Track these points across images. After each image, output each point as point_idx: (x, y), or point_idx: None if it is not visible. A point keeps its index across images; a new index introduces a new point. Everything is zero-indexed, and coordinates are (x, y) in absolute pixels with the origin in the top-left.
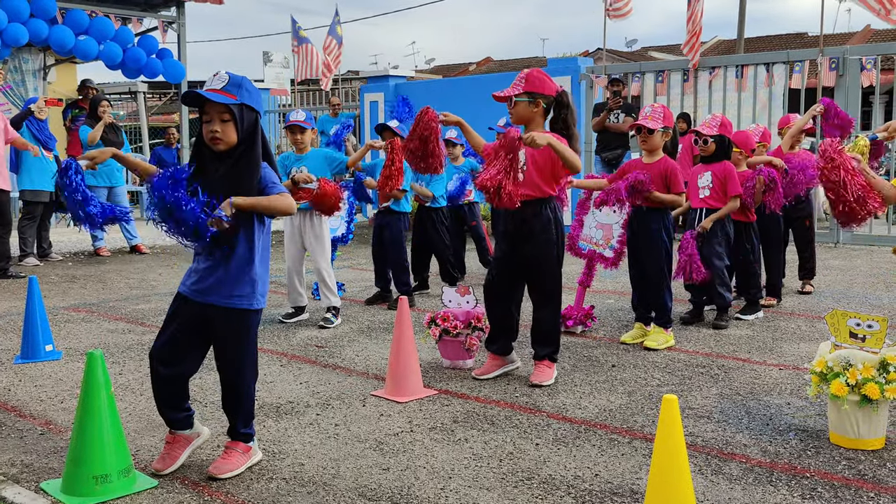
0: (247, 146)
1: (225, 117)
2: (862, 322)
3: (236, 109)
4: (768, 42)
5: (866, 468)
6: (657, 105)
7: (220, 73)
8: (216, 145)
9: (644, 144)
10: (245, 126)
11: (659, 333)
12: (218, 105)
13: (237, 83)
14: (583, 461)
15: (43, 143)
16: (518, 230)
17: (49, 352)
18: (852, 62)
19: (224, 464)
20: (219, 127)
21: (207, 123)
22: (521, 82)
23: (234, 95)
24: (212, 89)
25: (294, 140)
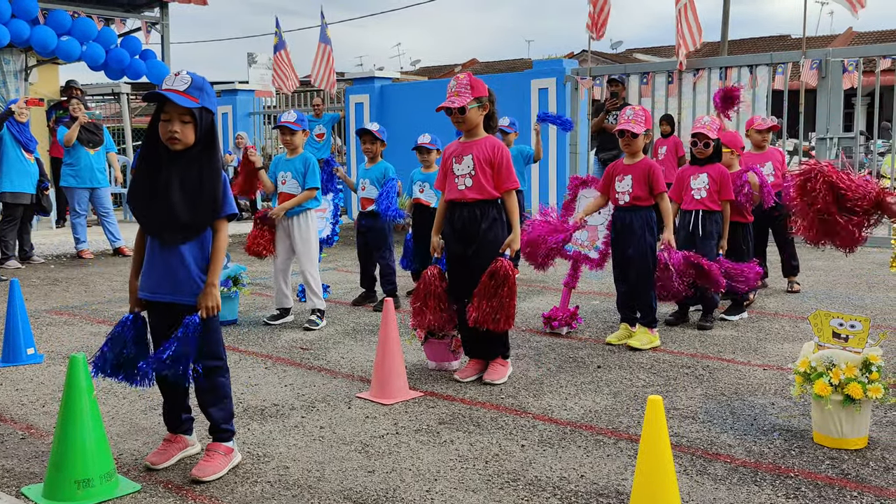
0: (203, 146)
1: (185, 118)
2: (845, 322)
3: (197, 112)
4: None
5: (849, 467)
6: (637, 108)
7: (182, 74)
8: (174, 145)
9: (628, 148)
10: (203, 128)
11: (643, 333)
12: (179, 107)
13: (199, 86)
14: (568, 462)
15: (24, 145)
16: (469, 230)
17: (31, 355)
18: (835, 64)
19: (207, 466)
20: (178, 127)
21: (166, 123)
22: (466, 90)
23: (195, 98)
24: (174, 90)
25: (285, 141)
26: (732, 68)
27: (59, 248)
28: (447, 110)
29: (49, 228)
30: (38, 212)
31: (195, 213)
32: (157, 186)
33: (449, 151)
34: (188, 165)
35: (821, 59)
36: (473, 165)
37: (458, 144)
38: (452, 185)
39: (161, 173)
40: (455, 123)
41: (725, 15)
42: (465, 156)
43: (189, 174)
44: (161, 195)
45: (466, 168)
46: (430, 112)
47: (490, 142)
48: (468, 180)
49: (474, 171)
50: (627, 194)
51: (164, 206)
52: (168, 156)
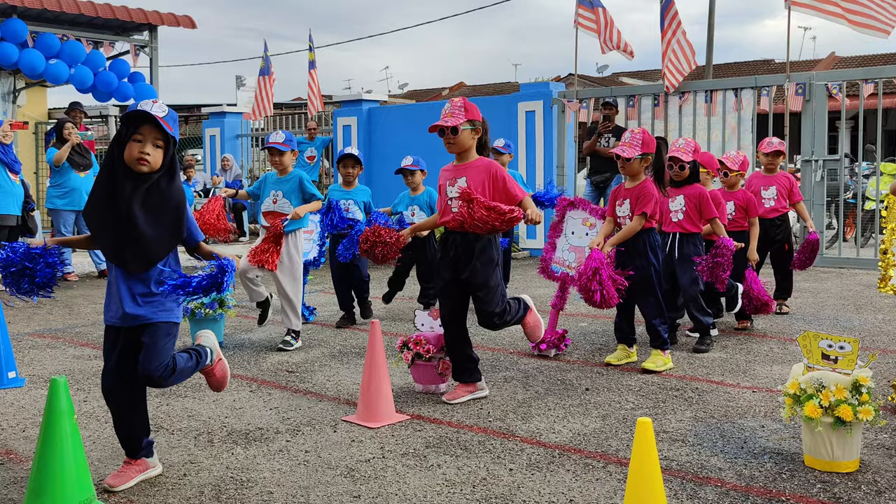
0: (165, 171)
1: (159, 143)
2: (834, 343)
3: (171, 140)
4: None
5: (841, 491)
6: (637, 131)
7: (160, 103)
8: (141, 166)
9: (623, 170)
10: (170, 156)
11: (657, 356)
12: (156, 131)
13: (174, 118)
14: (557, 486)
15: (8, 166)
16: (462, 255)
17: (12, 379)
18: (818, 88)
19: (117, 477)
20: (150, 150)
21: (138, 143)
22: (459, 111)
23: (171, 127)
24: (155, 114)
25: (273, 162)
26: (717, 91)
27: None
28: (440, 131)
29: None
30: (23, 233)
31: (158, 240)
32: (119, 207)
33: (444, 173)
34: (149, 190)
35: (805, 82)
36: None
37: (452, 167)
38: (446, 208)
39: (124, 194)
40: (447, 145)
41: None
42: (458, 178)
43: (152, 198)
44: (124, 216)
45: (459, 191)
46: (417, 134)
47: (483, 163)
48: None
49: None
50: (627, 218)
51: (127, 227)
52: (128, 180)
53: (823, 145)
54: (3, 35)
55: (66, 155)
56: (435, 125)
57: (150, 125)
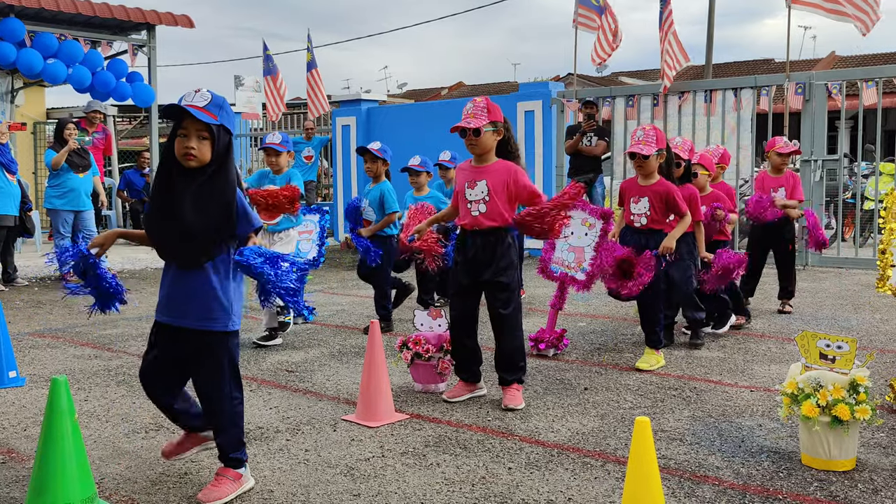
0: (218, 165)
1: (203, 135)
2: (832, 343)
3: (215, 129)
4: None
5: (838, 489)
6: (648, 127)
7: (203, 91)
8: (189, 161)
9: (640, 170)
10: (220, 146)
11: (650, 354)
12: (198, 122)
13: (219, 104)
14: (556, 485)
15: (5, 167)
16: (481, 257)
17: (12, 378)
18: (818, 87)
19: (213, 491)
20: (195, 144)
21: (183, 138)
22: (482, 112)
23: (215, 115)
24: (194, 105)
25: (270, 163)
26: (717, 91)
27: (42, 271)
28: (462, 131)
29: (33, 251)
30: (21, 233)
31: (208, 231)
32: (170, 206)
33: (461, 173)
34: (202, 185)
35: (804, 82)
36: (488, 191)
37: (471, 168)
38: (465, 211)
39: (174, 192)
40: (468, 146)
41: (710, 39)
42: (478, 181)
43: (202, 193)
44: (173, 215)
45: (480, 193)
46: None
47: (503, 165)
48: (482, 206)
49: (488, 198)
50: (645, 217)
51: (176, 225)
52: (181, 174)
53: (823, 145)
54: (1, 34)
55: (64, 159)
56: (457, 126)
57: (191, 118)
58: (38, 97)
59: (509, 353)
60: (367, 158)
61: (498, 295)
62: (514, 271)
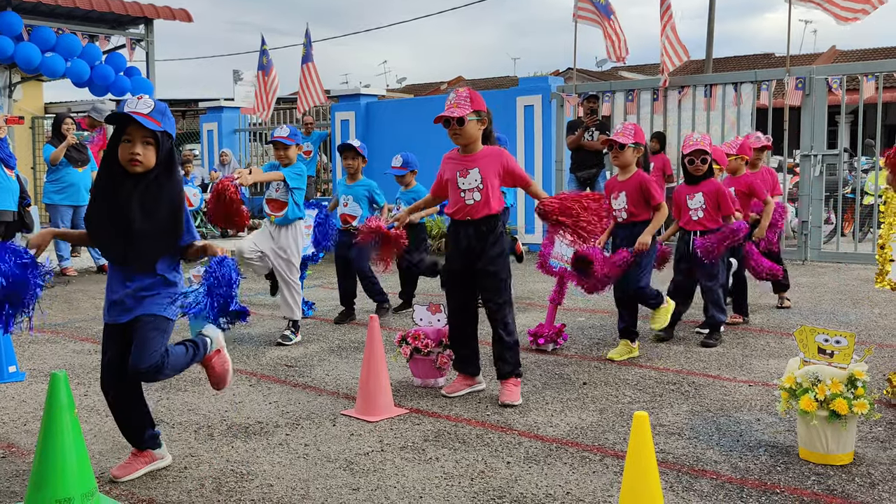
0: (163, 169)
1: (148, 141)
2: (830, 338)
3: (160, 135)
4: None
5: (835, 483)
6: (628, 123)
7: (146, 99)
8: (134, 167)
9: (616, 161)
10: (164, 151)
11: (624, 345)
12: (143, 129)
13: (161, 111)
14: (554, 479)
15: (3, 162)
16: (475, 245)
17: (12, 373)
18: (818, 82)
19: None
20: (140, 150)
21: (128, 144)
22: (465, 102)
23: (158, 122)
24: (138, 112)
25: (278, 156)
26: (717, 85)
27: None
28: (445, 121)
29: None
30: (20, 229)
31: (155, 238)
32: (117, 210)
33: (449, 163)
34: (147, 188)
35: (805, 76)
36: (481, 179)
37: (460, 157)
38: (458, 200)
39: (118, 197)
40: (452, 136)
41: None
42: (470, 169)
43: (149, 197)
44: (121, 219)
45: (474, 182)
46: (416, 129)
47: (493, 151)
48: (476, 195)
49: (482, 185)
50: (624, 211)
51: (122, 230)
52: (126, 178)
53: (823, 140)
54: None
55: (63, 154)
56: (441, 116)
57: (136, 124)
58: (35, 92)
59: (503, 346)
60: (349, 155)
61: (488, 284)
62: (505, 260)
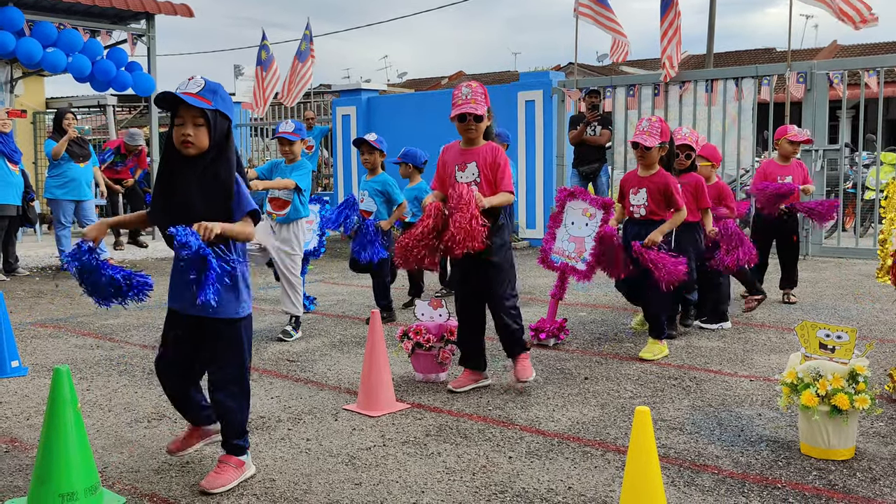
0: (218, 151)
1: (199, 122)
2: (831, 333)
3: (211, 115)
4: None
5: (837, 478)
6: (654, 119)
7: (196, 78)
8: (187, 149)
9: (642, 160)
10: (218, 132)
11: (653, 344)
12: (193, 109)
13: (213, 89)
14: (556, 474)
15: (8, 157)
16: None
17: (15, 368)
18: (820, 77)
19: (216, 478)
20: (192, 131)
21: (180, 126)
22: (481, 98)
23: (209, 101)
24: (187, 93)
25: (284, 152)
26: (718, 80)
27: (43, 261)
28: (460, 116)
29: (34, 241)
30: (23, 224)
31: (216, 219)
32: (175, 195)
33: (449, 156)
34: (203, 172)
35: (806, 71)
36: (478, 173)
37: (460, 150)
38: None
39: (177, 181)
40: (466, 130)
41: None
42: (468, 163)
43: (206, 180)
44: (181, 204)
45: (471, 175)
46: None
47: (491, 147)
48: (474, 188)
49: (479, 178)
50: (643, 208)
51: (184, 214)
52: (183, 162)
53: (824, 135)
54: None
55: (64, 148)
56: (462, 112)
57: (186, 105)
58: (37, 87)
59: (507, 325)
60: (365, 150)
61: (492, 274)
62: (507, 250)
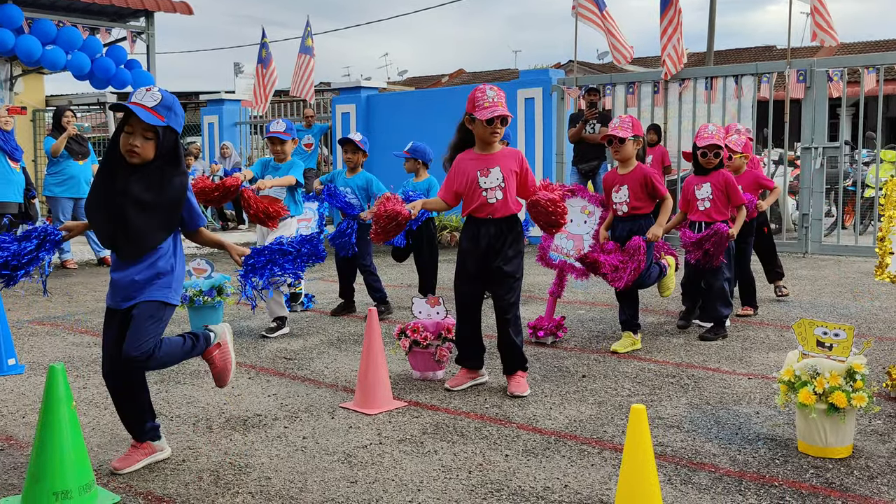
0: (163, 162)
1: (148, 135)
2: (829, 331)
3: (161, 130)
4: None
5: (834, 476)
6: (625, 116)
7: (154, 91)
8: (131, 158)
9: (617, 155)
10: (164, 146)
11: (627, 337)
12: (144, 122)
13: (168, 105)
14: (552, 472)
15: (9, 154)
16: (494, 244)
17: (11, 366)
18: (819, 74)
19: (123, 460)
20: (139, 142)
21: (129, 135)
22: (504, 100)
23: (162, 116)
24: (142, 105)
25: (275, 151)
26: (718, 78)
27: None
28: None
29: None
30: (25, 221)
31: (144, 228)
32: (112, 197)
33: (467, 163)
34: (146, 177)
35: (806, 69)
36: (503, 178)
37: (479, 156)
38: (480, 199)
39: (117, 184)
40: (492, 134)
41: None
42: (491, 168)
43: (146, 185)
44: (115, 205)
45: (496, 180)
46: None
47: (511, 152)
48: (499, 193)
49: (504, 184)
50: (625, 204)
51: (118, 216)
52: (125, 168)
53: (824, 132)
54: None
55: (63, 145)
56: (500, 114)
57: (137, 116)
58: (36, 84)
59: (512, 342)
60: (349, 149)
61: (503, 283)
62: (521, 259)
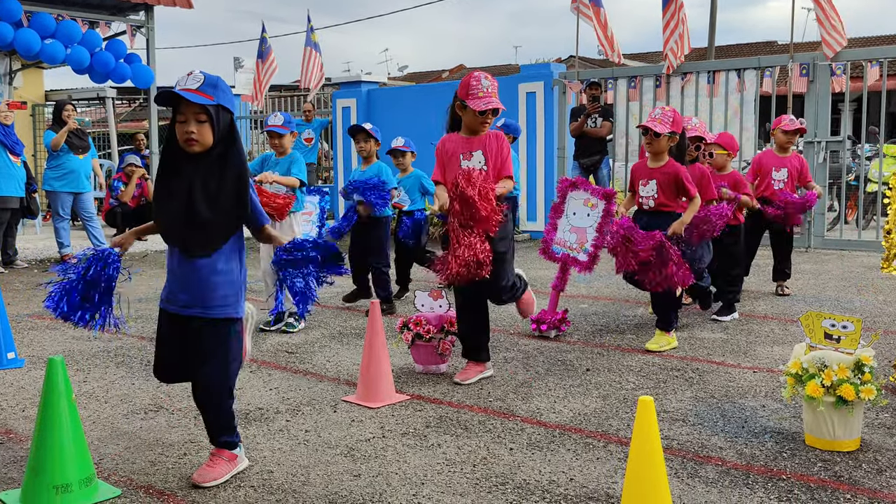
0: (224, 146)
1: (201, 118)
2: (837, 323)
3: (213, 110)
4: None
5: (842, 469)
6: (667, 108)
7: (195, 73)
8: (191, 147)
9: (649, 147)
10: (221, 127)
11: (661, 336)
12: (194, 105)
13: (213, 83)
14: (557, 466)
15: (10, 149)
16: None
17: (11, 359)
18: (822, 69)
19: (208, 471)
20: (195, 128)
21: (182, 124)
22: (497, 91)
23: (210, 96)
24: (186, 89)
25: (273, 145)
26: (720, 72)
27: (42, 253)
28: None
29: (34, 233)
30: (26, 215)
31: (216, 220)
32: (176, 193)
33: (451, 145)
34: (208, 169)
35: (808, 63)
36: (484, 160)
37: (462, 139)
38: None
39: (181, 179)
40: (482, 124)
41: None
42: (473, 151)
43: (210, 178)
44: (180, 201)
45: (478, 163)
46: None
47: (494, 135)
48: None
49: (486, 167)
50: (652, 199)
51: (183, 213)
52: (187, 160)
53: (826, 127)
54: None
55: (64, 139)
56: (493, 105)
57: (187, 102)
58: (36, 79)
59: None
60: (361, 138)
61: (493, 266)
62: (509, 242)
